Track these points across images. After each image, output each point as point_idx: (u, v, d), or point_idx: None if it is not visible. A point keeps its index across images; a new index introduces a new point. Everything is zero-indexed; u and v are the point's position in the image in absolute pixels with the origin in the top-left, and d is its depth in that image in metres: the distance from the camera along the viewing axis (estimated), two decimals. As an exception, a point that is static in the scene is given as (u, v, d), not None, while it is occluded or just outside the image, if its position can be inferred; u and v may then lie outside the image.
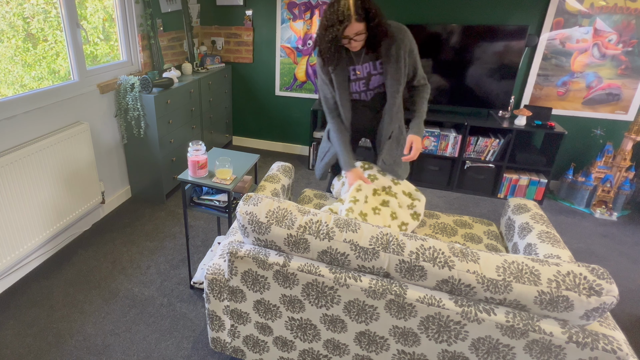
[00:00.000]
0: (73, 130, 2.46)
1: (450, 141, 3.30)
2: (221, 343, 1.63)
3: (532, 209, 1.78)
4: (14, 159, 2.11)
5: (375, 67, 1.91)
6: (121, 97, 2.84)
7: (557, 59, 3.14)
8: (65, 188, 2.47)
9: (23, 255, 2.26)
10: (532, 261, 1.18)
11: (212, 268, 1.51)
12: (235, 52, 4.04)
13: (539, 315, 1.16)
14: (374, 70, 1.91)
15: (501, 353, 1.20)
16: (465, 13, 3.24)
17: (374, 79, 1.94)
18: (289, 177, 2.10)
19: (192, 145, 1.91)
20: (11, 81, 2.30)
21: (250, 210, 1.38)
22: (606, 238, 2.82)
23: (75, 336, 1.95)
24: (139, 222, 2.90)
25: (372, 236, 1.28)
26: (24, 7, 2.27)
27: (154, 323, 2.03)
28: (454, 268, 1.19)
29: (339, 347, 1.43)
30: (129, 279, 2.34)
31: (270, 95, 4.10)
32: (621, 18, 2.91)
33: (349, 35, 1.72)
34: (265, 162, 3.96)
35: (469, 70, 3.21)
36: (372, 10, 1.70)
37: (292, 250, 1.36)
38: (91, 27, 2.77)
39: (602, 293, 1.07)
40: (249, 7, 3.81)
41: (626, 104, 3.09)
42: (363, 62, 1.91)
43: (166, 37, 3.37)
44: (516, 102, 3.35)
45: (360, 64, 1.91)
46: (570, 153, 3.37)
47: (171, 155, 3.10)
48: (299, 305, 1.40)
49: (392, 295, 1.25)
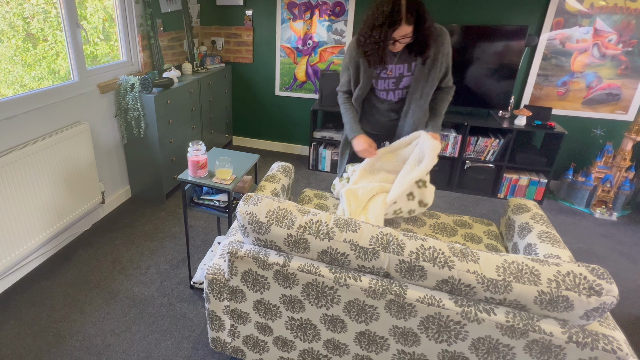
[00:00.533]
0: (73, 130, 2.46)
1: (450, 141, 3.30)
2: (221, 343, 1.63)
3: (532, 209, 1.78)
4: (14, 159, 2.11)
5: (410, 69, 1.84)
6: (121, 97, 2.84)
7: (557, 59, 3.14)
8: (65, 188, 2.47)
9: (23, 255, 2.26)
10: (532, 261, 1.18)
11: (212, 268, 1.51)
12: (235, 52, 4.04)
13: (539, 315, 1.16)
14: (407, 72, 1.85)
15: (501, 353, 1.20)
16: (465, 13, 3.24)
17: (405, 79, 1.88)
18: (289, 177, 2.10)
19: (192, 145, 1.91)
20: (11, 81, 2.30)
21: (250, 210, 1.38)
22: (606, 238, 2.82)
23: (75, 336, 1.95)
24: (139, 222, 2.90)
25: (372, 236, 1.28)
26: (24, 7, 2.27)
27: (154, 323, 2.03)
28: (454, 268, 1.19)
29: (339, 347, 1.43)
30: (129, 279, 2.34)
31: (270, 95, 4.10)
32: (621, 18, 2.91)
33: (396, 37, 1.66)
34: (265, 162, 3.96)
35: (469, 70, 3.20)
36: (424, 15, 1.63)
37: (292, 250, 1.36)
38: (91, 27, 2.77)
39: (602, 293, 1.07)
40: (249, 7, 3.81)
41: (626, 104, 3.09)
42: (397, 62, 1.84)
43: (166, 37, 3.37)
44: (516, 102, 3.35)
45: (394, 64, 1.85)
46: (570, 153, 3.37)
47: (171, 155, 3.10)
48: (299, 305, 1.40)
49: (392, 295, 1.25)
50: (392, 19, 1.60)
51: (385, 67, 1.86)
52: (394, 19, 1.60)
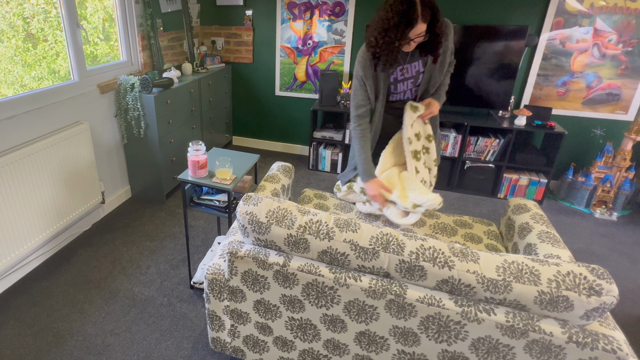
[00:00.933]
0: (73, 130, 2.46)
1: (450, 141, 3.30)
2: (221, 343, 1.63)
3: (532, 209, 1.78)
4: (14, 159, 2.11)
5: (425, 64, 1.80)
6: (121, 97, 2.84)
7: (557, 59, 3.14)
8: (66, 188, 2.47)
9: (23, 255, 2.26)
10: (532, 261, 1.18)
11: (212, 268, 1.51)
12: (235, 52, 4.04)
13: (539, 315, 1.16)
14: (422, 68, 1.81)
15: (501, 353, 1.20)
16: (465, 13, 3.24)
17: (421, 76, 1.84)
18: (289, 177, 2.10)
19: (192, 145, 1.91)
20: (11, 81, 2.30)
21: (250, 210, 1.38)
22: (606, 238, 2.82)
23: (75, 336, 1.95)
24: (139, 222, 2.90)
25: (372, 236, 1.28)
26: (24, 7, 2.27)
27: (154, 323, 2.03)
28: (454, 268, 1.19)
29: (339, 347, 1.43)
30: (129, 279, 2.34)
31: (270, 95, 4.10)
32: (621, 18, 2.91)
33: (411, 36, 1.62)
34: (265, 162, 3.96)
35: (469, 70, 3.20)
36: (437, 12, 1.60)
37: (292, 250, 1.36)
38: (91, 27, 2.77)
39: (602, 293, 1.07)
40: (249, 7, 3.81)
41: (626, 104, 3.09)
42: (411, 60, 1.80)
43: (166, 37, 3.37)
44: (516, 102, 3.35)
45: (409, 62, 1.80)
46: (570, 153, 3.37)
47: (171, 155, 3.10)
48: (299, 305, 1.40)
49: (392, 295, 1.25)
50: (408, 18, 1.57)
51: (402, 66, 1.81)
52: (410, 18, 1.56)
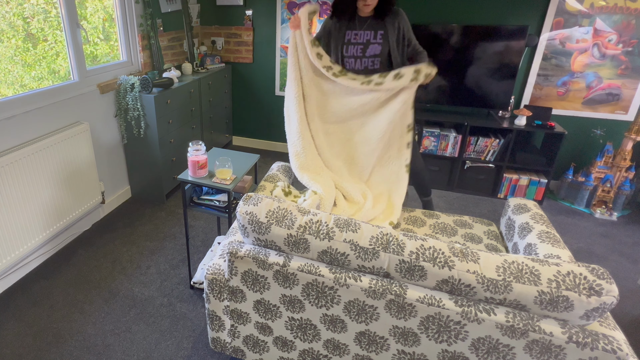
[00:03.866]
0: (73, 130, 2.46)
1: (450, 141, 3.30)
2: (221, 343, 1.63)
3: (532, 209, 1.78)
4: (14, 159, 2.11)
5: (376, 37, 2.08)
6: (121, 97, 2.84)
7: (557, 59, 3.14)
8: (66, 188, 2.47)
9: (23, 255, 2.26)
10: (532, 261, 1.18)
11: (212, 268, 1.51)
12: (235, 52, 4.04)
13: (539, 315, 1.16)
14: (373, 39, 2.09)
15: (501, 353, 1.20)
16: (465, 13, 3.24)
17: (371, 47, 2.10)
18: (289, 177, 2.10)
19: (192, 145, 1.91)
20: (11, 81, 2.30)
21: (250, 210, 1.38)
22: (606, 238, 2.82)
23: (75, 336, 1.95)
24: (139, 222, 2.90)
25: (372, 236, 1.28)
26: (24, 7, 2.27)
27: (154, 323, 2.03)
28: (454, 268, 1.19)
29: (339, 347, 1.43)
30: (129, 279, 2.34)
31: (270, 95, 4.10)
32: (621, 18, 2.91)
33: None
34: (265, 162, 3.96)
35: (469, 70, 3.20)
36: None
37: (292, 250, 1.36)
38: (91, 27, 2.77)
39: (602, 293, 1.07)
40: (249, 7, 3.81)
41: (626, 104, 3.09)
42: (365, 29, 2.08)
43: (166, 37, 3.37)
44: (516, 102, 3.35)
45: (363, 30, 2.08)
46: (570, 153, 3.37)
47: (171, 155, 3.10)
48: (299, 305, 1.40)
49: (392, 295, 1.25)
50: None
51: (356, 32, 2.10)
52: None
